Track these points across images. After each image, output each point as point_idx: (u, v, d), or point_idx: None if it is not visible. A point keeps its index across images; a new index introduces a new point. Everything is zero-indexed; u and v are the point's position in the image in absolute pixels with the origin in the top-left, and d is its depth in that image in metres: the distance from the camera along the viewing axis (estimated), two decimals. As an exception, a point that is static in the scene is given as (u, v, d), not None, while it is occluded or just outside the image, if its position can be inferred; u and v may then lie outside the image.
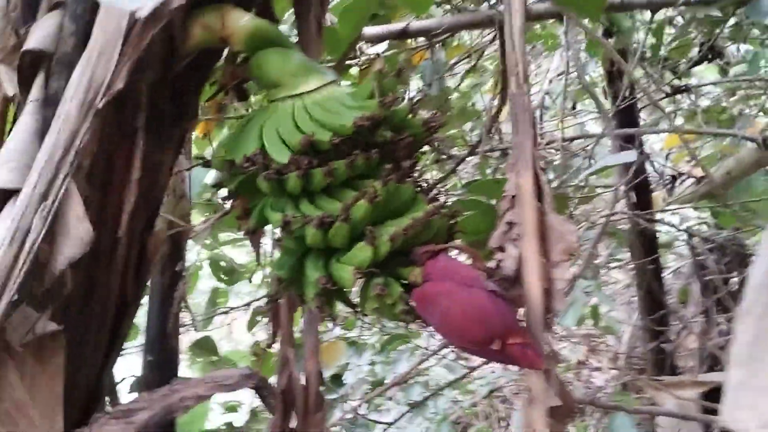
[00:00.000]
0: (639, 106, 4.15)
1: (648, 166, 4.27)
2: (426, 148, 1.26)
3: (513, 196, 1.12)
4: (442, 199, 1.16)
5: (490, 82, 3.85)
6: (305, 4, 1.33)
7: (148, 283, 2.27)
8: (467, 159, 3.19)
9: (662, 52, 3.94)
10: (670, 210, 4.60)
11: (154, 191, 1.31)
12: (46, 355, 1.00)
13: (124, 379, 2.59)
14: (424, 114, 1.16)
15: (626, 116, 3.99)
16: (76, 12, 0.96)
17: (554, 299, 1.11)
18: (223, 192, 1.26)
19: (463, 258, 1.15)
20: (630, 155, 1.84)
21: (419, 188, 1.15)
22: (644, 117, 4.91)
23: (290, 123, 1.08)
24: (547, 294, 1.11)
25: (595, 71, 4.21)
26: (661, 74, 3.99)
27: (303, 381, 1.40)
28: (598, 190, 4.42)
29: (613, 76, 3.84)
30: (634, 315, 5.47)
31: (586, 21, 2.17)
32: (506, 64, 1.21)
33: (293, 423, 1.42)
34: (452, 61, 3.34)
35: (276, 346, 1.48)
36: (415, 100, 1.17)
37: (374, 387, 4.43)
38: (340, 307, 1.20)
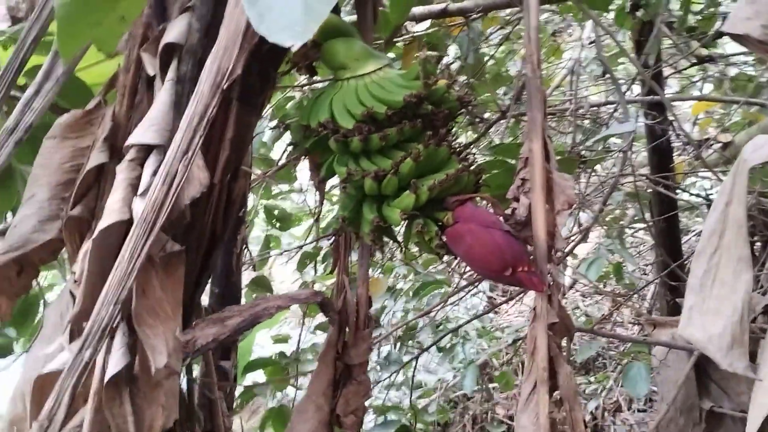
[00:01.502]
0: (666, 74, 4.34)
1: (674, 132, 4.47)
2: (462, 111, 1.57)
3: (526, 158, 1.43)
4: (470, 159, 1.47)
5: (522, 50, 4.08)
6: (364, -3, 1.63)
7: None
8: (500, 122, 3.45)
9: (690, 22, 4.12)
10: (693, 173, 4.81)
11: (241, 147, 1.63)
12: (172, 267, 1.35)
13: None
14: (460, 82, 1.46)
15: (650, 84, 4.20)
16: (202, 14, 1.29)
17: (556, 239, 1.43)
18: (285, 149, 1.59)
19: (485, 205, 1.47)
20: (629, 125, 2.08)
21: (453, 150, 1.46)
22: (671, 85, 5.09)
23: (354, 98, 1.40)
24: (551, 235, 1.43)
25: (624, 41, 4.40)
26: (687, 44, 4.18)
27: (355, 302, 1.73)
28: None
29: (641, 45, 4.03)
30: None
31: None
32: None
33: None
34: (488, 31, 3.60)
35: (324, 286, 1.82)
36: (452, 71, 1.48)
37: (407, 331, 4.79)
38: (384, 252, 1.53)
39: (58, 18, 1.03)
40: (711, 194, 5.71)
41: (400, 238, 1.51)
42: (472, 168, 1.45)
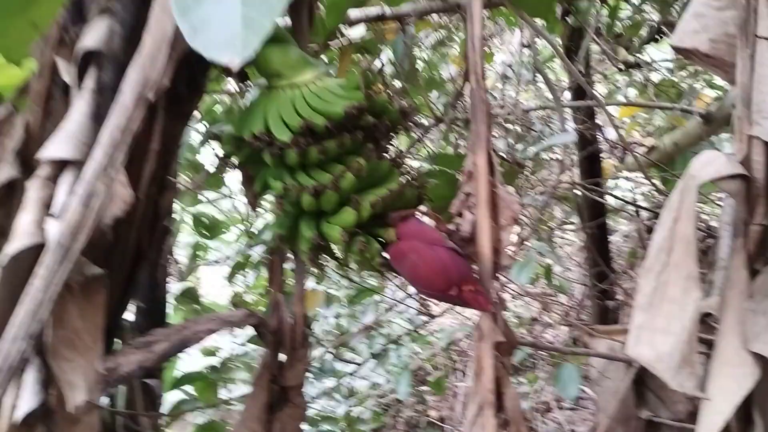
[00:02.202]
0: (594, 80, 4.42)
1: (603, 137, 4.56)
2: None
3: (470, 172, 1.38)
4: (412, 172, 1.41)
5: (455, 53, 4.08)
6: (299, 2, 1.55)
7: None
8: (434, 127, 3.41)
9: (617, 29, 4.19)
10: (619, 177, 4.92)
11: (168, 159, 1.53)
12: (92, 293, 1.24)
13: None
14: (396, 88, 1.39)
15: (582, 89, 4.27)
16: (124, 18, 1.18)
17: (501, 256, 1.38)
18: (213, 156, 1.49)
19: (429, 221, 1.41)
20: (569, 136, 2.08)
21: (395, 164, 1.40)
22: (599, 90, 5.19)
23: (291, 108, 1.31)
24: (496, 251, 1.38)
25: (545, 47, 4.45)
26: (615, 50, 4.26)
27: (291, 321, 1.65)
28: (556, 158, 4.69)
29: (571, 51, 4.08)
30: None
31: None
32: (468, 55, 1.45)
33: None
34: (420, 35, 3.56)
35: (255, 295, 1.73)
36: (386, 76, 1.41)
37: (340, 339, 4.72)
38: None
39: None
40: (635, 196, 5.87)
41: (339, 255, 1.44)
42: (414, 182, 1.38)
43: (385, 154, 1.37)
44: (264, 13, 0.81)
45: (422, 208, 1.41)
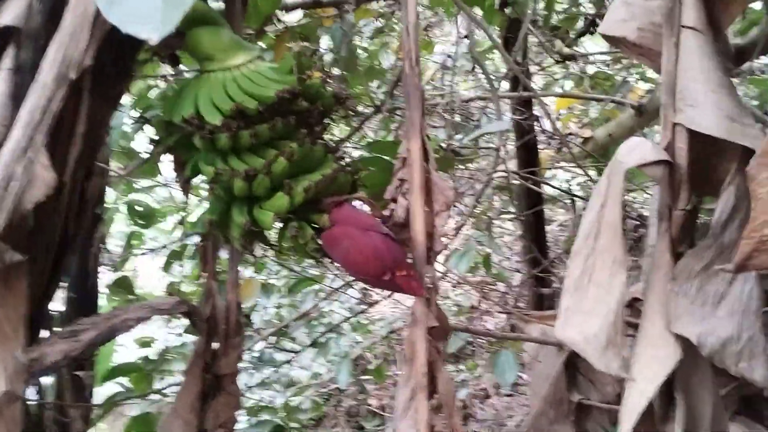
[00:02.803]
0: (531, 71, 4.49)
1: (540, 127, 4.63)
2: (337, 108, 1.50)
3: (404, 158, 1.38)
4: (347, 157, 1.40)
5: (395, 43, 4.08)
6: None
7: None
8: (374, 115, 3.41)
9: (553, 21, 4.26)
10: (557, 168, 5.01)
11: (94, 142, 1.48)
12: (13, 280, 1.20)
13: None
14: (334, 75, 1.38)
15: (519, 80, 4.33)
16: (44, -7, 1.13)
17: (435, 241, 1.39)
18: (148, 142, 1.46)
19: (363, 207, 1.41)
20: (503, 124, 2.11)
21: (329, 149, 1.39)
22: (536, 81, 5.28)
23: (222, 92, 1.29)
24: (430, 237, 1.39)
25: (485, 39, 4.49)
26: (551, 42, 4.33)
27: (224, 309, 1.63)
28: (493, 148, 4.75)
29: (509, 42, 4.13)
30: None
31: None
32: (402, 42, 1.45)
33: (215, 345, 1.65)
34: (361, 23, 3.55)
35: (192, 285, 1.70)
36: (325, 64, 1.40)
37: (281, 329, 4.68)
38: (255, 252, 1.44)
39: None
40: (571, 186, 5.99)
41: (273, 242, 1.42)
42: (348, 168, 1.37)
43: (319, 140, 1.35)
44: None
45: (357, 194, 1.40)
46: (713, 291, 1.23)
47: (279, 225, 1.36)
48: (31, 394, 2.03)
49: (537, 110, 4.67)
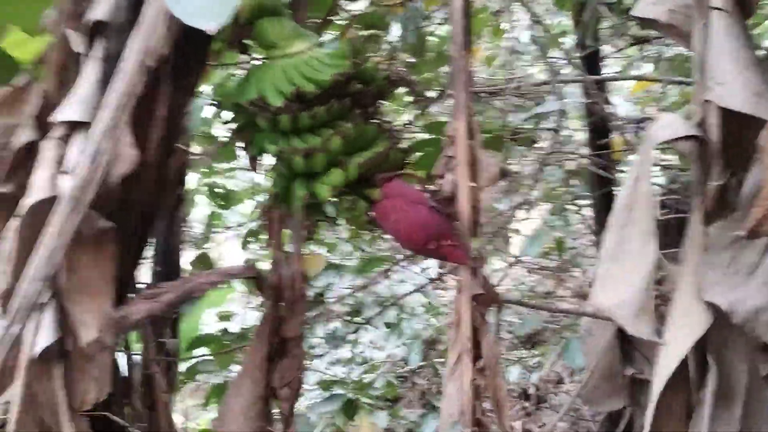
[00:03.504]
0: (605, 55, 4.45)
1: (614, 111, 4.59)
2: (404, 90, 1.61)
3: (452, 136, 1.48)
4: (405, 137, 1.51)
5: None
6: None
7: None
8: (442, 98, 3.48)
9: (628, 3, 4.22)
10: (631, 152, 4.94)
11: (174, 126, 1.64)
12: (103, 245, 1.37)
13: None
14: (402, 61, 1.47)
15: (592, 63, 4.31)
16: (128, -9, 1.30)
17: (479, 214, 1.49)
18: (225, 127, 1.60)
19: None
20: (554, 104, 2.16)
21: (382, 129, 1.50)
22: (610, 64, 5.22)
23: (283, 77, 1.42)
24: (475, 210, 1.48)
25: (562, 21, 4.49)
26: (625, 24, 4.28)
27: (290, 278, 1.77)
28: (566, 133, 4.75)
29: (580, 25, 4.12)
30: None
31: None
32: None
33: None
34: (431, 9, 3.63)
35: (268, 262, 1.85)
36: (392, 48, 1.51)
37: (354, 309, 4.85)
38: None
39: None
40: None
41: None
42: (399, 146, 1.49)
43: (372, 120, 1.47)
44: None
45: (407, 171, 1.51)
46: (746, 262, 1.28)
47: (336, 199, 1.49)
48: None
49: (611, 95, 4.64)
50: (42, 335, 1.23)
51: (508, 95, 4.22)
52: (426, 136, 2.12)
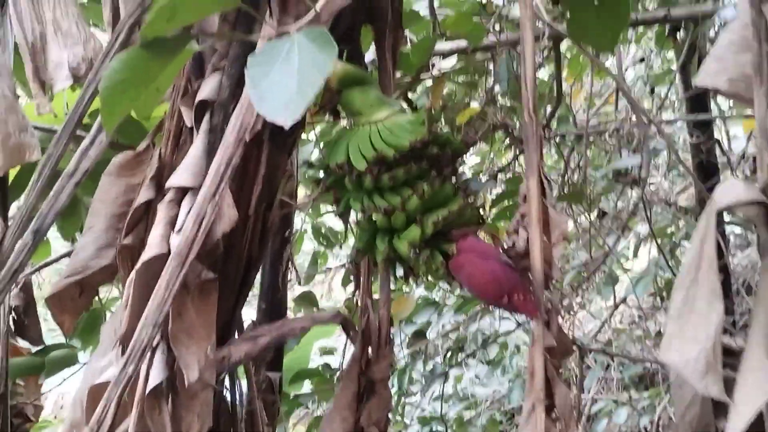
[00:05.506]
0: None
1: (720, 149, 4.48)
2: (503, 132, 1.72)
3: (525, 195, 1.56)
4: (472, 196, 1.62)
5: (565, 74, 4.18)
6: (383, 46, 1.80)
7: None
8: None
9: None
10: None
11: (273, 182, 1.82)
12: (206, 293, 1.54)
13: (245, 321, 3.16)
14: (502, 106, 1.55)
15: (698, 102, 4.25)
16: (231, 73, 1.49)
17: (552, 269, 1.56)
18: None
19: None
20: (634, 159, 2.16)
21: (458, 188, 1.61)
22: (720, 103, 5.08)
23: (367, 141, 1.56)
24: (548, 264, 1.55)
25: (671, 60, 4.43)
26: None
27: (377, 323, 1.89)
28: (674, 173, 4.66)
29: (686, 67, 4.08)
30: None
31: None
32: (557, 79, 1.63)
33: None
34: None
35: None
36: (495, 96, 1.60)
37: (456, 345, 4.92)
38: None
39: (101, 98, 1.23)
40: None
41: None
42: (474, 204, 1.59)
43: (448, 180, 1.58)
44: (310, 83, 1.06)
45: (482, 226, 1.61)
46: (816, 323, 1.28)
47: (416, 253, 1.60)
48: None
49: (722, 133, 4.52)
50: (153, 374, 1.41)
51: (612, 135, 4.21)
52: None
